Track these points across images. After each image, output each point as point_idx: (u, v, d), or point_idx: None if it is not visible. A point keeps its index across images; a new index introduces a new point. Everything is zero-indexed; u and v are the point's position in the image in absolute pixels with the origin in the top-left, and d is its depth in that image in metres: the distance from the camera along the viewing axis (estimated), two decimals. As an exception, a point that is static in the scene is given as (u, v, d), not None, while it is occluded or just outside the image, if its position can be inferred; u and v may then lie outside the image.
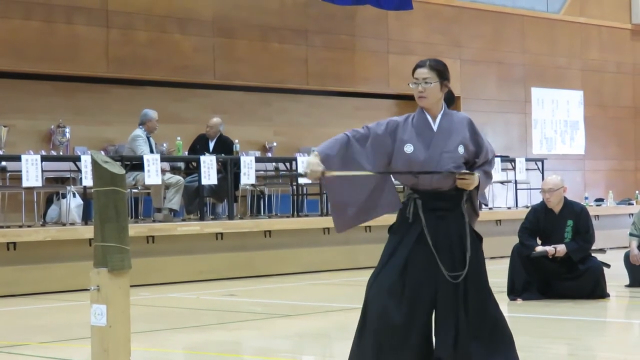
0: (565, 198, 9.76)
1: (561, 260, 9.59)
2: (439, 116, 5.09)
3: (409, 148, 5.02)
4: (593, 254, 9.87)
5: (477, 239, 5.12)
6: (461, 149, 5.04)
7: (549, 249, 9.58)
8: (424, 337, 4.93)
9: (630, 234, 10.69)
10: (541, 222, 9.78)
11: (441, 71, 5.08)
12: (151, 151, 13.34)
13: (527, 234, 9.78)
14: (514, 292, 9.68)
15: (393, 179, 5.14)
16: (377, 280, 5.01)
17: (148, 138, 13.46)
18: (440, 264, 4.93)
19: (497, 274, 10.23)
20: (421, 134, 5.04)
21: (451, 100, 5.20)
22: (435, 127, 5.06)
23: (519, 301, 9.56)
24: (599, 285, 9.69)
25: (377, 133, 5.02)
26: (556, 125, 21.23)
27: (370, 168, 4.99)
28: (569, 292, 9.64)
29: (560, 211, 9.73)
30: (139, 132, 13.39)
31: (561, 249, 9.56)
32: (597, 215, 17.33)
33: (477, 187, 5.07)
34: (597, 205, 18.74)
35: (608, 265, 9.92)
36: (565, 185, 9.81)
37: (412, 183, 5.06)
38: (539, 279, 9.71)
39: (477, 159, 5.09)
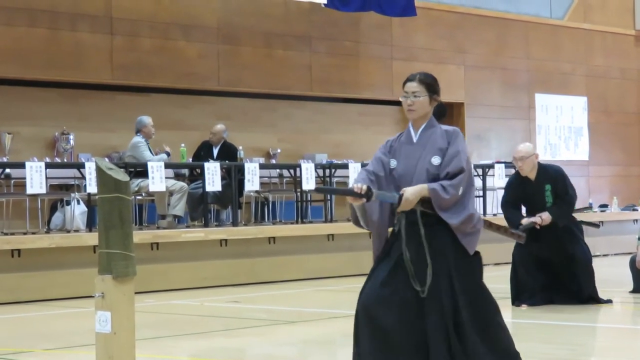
0: (539, 163, 9.74)
1: (549, 247, 9.57)
2: (421, 129, 5.13)
3: (393, 163, 5.12)
4: (578, 217, 9.90)
5: (464, 251, 5.07)
6: (435, 160, 5.05)
7: (535, 219, 9.56)
8: (418, 342, 4.94)
9: (639, 238, 10.66)
10: (519, 192, 9.76)
11: (430, 85, 5.13)
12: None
13: (510, 207, 9.79)
14: (518, 298, 9.68)
15: None
16: (364, 292, 5.10)
17: (147, 144, 13.50)
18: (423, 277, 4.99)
19: (499, 280, 10.24)
20: (403, 148, 5.13)
21: (443, 113, 5.21)
22: (415, 140, 5.12)
23: (524, 307, 9.55)
24: (591, 284, 9.72)
25: (382, 160, 5.13)
26: (560, 131, 21.21)
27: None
28: (567, 298, 9.67)
29: (536, 178, 9.70)
30: (139, 138, 13.43)
31: (546, 217, 9.53)
32: (602, 221, 17.30)
33: (432, 203, 4.99)
34: (602, 211, 18.70)
35: (597, 225, 9.98)
36: (537, 152, 9.86)
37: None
38: (542, 285, 9.70)
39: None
